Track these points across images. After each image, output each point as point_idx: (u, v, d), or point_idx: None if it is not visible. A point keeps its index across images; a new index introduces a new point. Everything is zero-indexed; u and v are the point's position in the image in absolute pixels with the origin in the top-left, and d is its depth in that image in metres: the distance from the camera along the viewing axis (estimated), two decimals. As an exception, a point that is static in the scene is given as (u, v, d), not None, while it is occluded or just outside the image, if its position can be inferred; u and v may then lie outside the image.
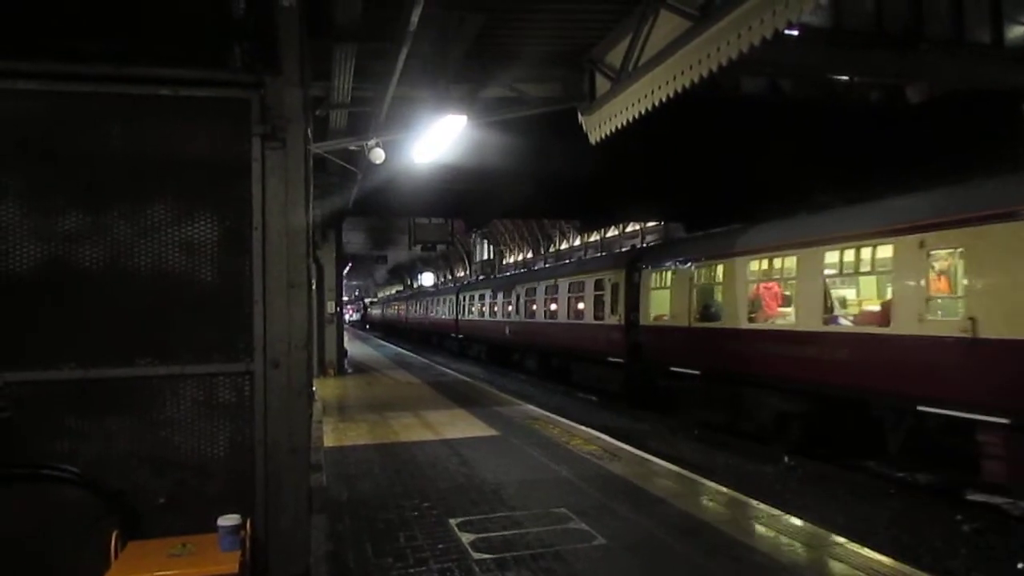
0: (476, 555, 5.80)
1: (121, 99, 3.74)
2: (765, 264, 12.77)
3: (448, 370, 24.76)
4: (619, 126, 9.61)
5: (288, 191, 3.88)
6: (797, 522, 6.77)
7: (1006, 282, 8.24)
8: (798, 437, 11.93)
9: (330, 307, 21.07)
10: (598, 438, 11.02)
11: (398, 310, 61.72)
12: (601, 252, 39.32)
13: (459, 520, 6.72)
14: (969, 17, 10.12)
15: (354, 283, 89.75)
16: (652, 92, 8.58)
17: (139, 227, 3.73)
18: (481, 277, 51.08)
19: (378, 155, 11.97)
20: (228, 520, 3.54)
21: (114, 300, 3.71)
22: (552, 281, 23.38)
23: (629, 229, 40.54)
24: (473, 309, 33.41)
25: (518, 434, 11.25)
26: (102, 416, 3.67)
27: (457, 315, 36.27)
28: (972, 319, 8.42)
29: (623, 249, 26.19)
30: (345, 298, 46.52)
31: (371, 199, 19.11)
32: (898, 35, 9.82)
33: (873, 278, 11.24)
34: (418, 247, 30.96)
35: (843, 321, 11.08)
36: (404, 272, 77.40)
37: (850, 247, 10.58)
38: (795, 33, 8.90)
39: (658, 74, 8.40)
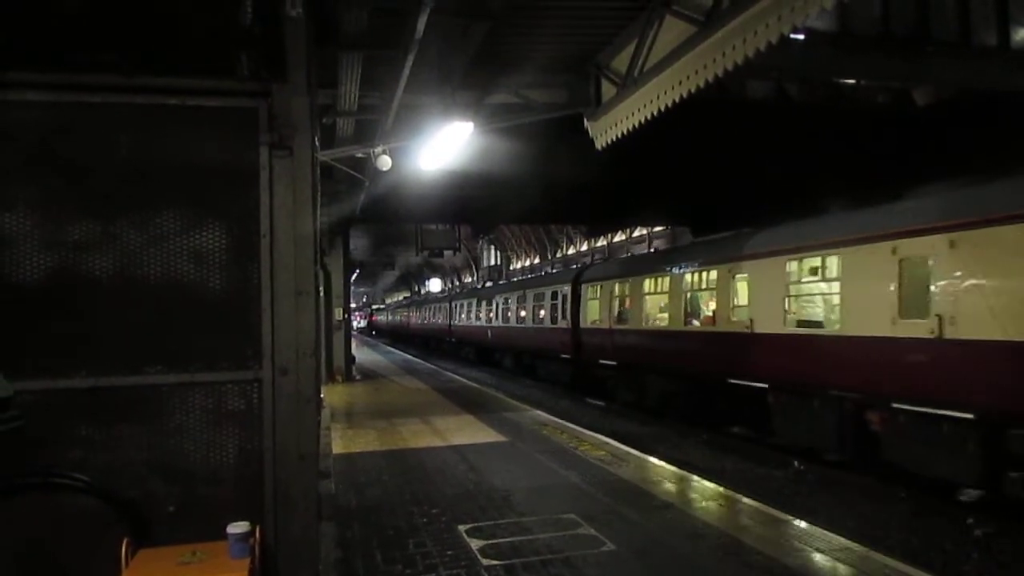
0: (485, 561, 5.80)
1: (130, 109, 3.76)
2: (654, 282, 17.32)
3: (456, 376, 24.77)
4: (625, 131, 9.62)
5: (295, 199, 3.90)
6: (807, 526, 6.74)
7: (776, 296, 12.37)
8: (680, 409, 15.93)
9: (338, 314, 21.10)
10: (606, 443, 11.00)
11: (401, 317, 66.87)
12: (607, 257, 40.16)
13: (468, 526, 6.72)
14: (975, 19, 10.09)
15: (361, 290, 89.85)
16: (658, 97, 8.59)
17: (148, 236, 3.75)
18: (486, 285, 52.88)
19: (385, 162, 12.00)
20: (238, 527, 3.54)
21: (124, 308, 3.73)
22: (522, 292, 27.92)
23: (636, 234, 40.52)
24: (463, 316, 37.79)
25: (526, 440, 11.24)
26: (112, 424, 3.69)
27: (450, 321, 40.91)
28: (752, 320, 12.93)
29: (575, 266, 30.79)
30: (353, 305, 46.85)
31: (378, 206, 19.17)
32: (904, 38, 9.81)
33: (709, 293, 15.14)
34: (425, 253, 31.05)
35: (694, 322, 15.43)
36: (412, 278, 77.54)
37: (699, 272, 15.22)
38: (801, 37, 8.89)
39: (664, 79, 8.41)
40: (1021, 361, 7.93)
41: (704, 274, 14.96)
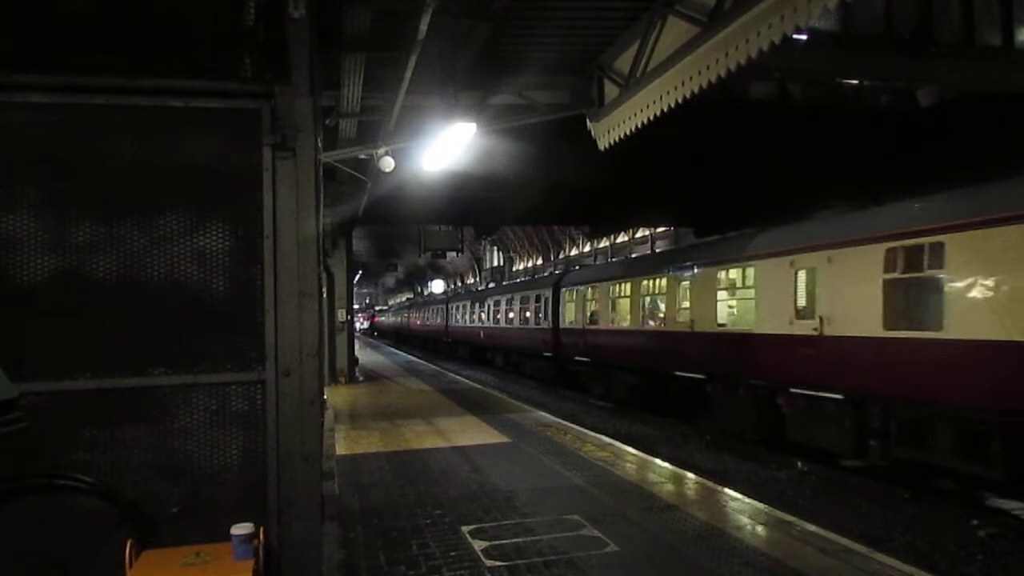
0: (488, 562, 5.80)
1: (133, 111, 3.76)
2: (619, 288, 19.53)
3: (459, 377, 24.78)
4: (628, 132, 9.61)
5: (298, 200, 3.89)
6: (811, 528, 6.73)
7: (710, 301, 14.66)
8: (640, 399, 17.95)
9: (341, 315, 21.11)
10: (610, 444, 11.00)
11: (402, 318, 69.23)
12: (611, 258, 40.38)
13: (471, 528, 6.72)
14: (979, 20, 10.06)
15: (364, 291, 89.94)
16: (661, 98, 8.58)
17: (151, 237, 3.75)
18: (479, 288, 55.12)
19: (387, 163, 12.01)
20: (241, 529, 3.55)
21: (127, 310, 3.73)
22: (510, 295, 30.20)
23: (639, 235, 40.50)
24: (458, 317, 40.09)
25: (530, 441, 11.24)
26: (116, 426, 3.69)
27: (447, 322, 43.11)
28: (692, 320, 15.10)
29: (556, 271, 34.07)
30: (356, 306, 47.05)
31: (381, 207, 19.17)
32: (907, 39, 9.78)
33: (660, 297, 17.35)
34: (428, 254, 31.10)
35: (650, 323, 17.71)
36: (415, 280, 77.57)
37: (653, 279, 17.64)
38: (804, 38, 8.88)
39: (666, 80, 8.40)
40: (872, 351, 10.12)
41: (657, 281, 17.40)
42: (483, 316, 34.05)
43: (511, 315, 29.34)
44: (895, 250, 9.79)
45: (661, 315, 17.18)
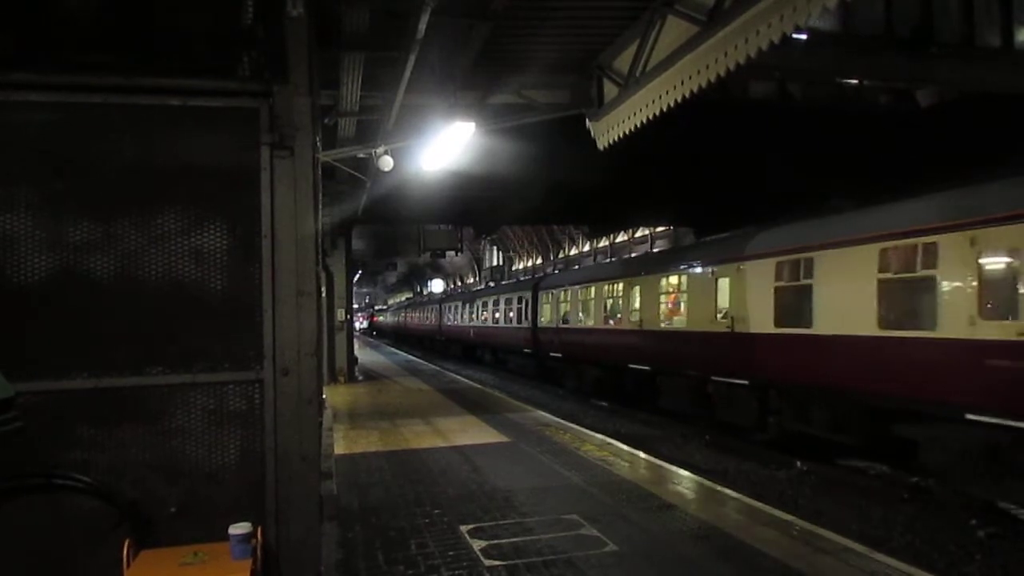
0: (487, 562, 5.79)
1: (131, 110, 3.75)
2: (584, 292, 21.92)
3: (458, 376, 24.79)
4: (627, 132, 9.60)
5: (297, 199, 3.89)
6: (811, 527, 6.73)
7: (655, 303, 17.32)
8: (604, 389, 20.21)
9: (340, 314, 21.10)
10: (609, 444, 11.00)
11: (400, 318, 71.36)
12: (610, 257, 40.50)
13: (470, 527, 6.71)
14: (979, 20, 10.06)
15: (363, 290, 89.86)
16: (660, 97, 8.58)
17: (149, 236, 3.75)
18: (468, 289, 56.48)
19: (387, 163, 12.00)
20: (239, 528, 3.54)
21: (125, 309, 3.72)
22: (496, 297, 32.35)
23: (638, 234, 40.50)
24: (450, 317, 42.08)
25: (529, 440, 11.24)
26: (114, 425, 3.68)
27: (440, 322, 45.23)
28: (641, 320, 17.68)
29: (536, 275, 36.81)
30: (355, 305, 47.18)
31: (380, 206, 19.17)
32: (907, 39, 9.78)
33: (617, 300, 19.73)
34: (427, 254, 31.11)
35: (610, 323, 19.92)
36: (414, 279, 77.53)
37: (612, 283, 20.09)
38: (803, 37, 8.87)
39: (666, 79, 8.40)
40: (767, 345, 12.50)
41: (615, 286, 19.89)
42: (472, 316, 36.08)
43: (497, 315, 31.47)
44: (783, 263, 12.26)
45: (619, 316, 19.44)
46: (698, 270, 15.07)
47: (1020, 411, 8.17)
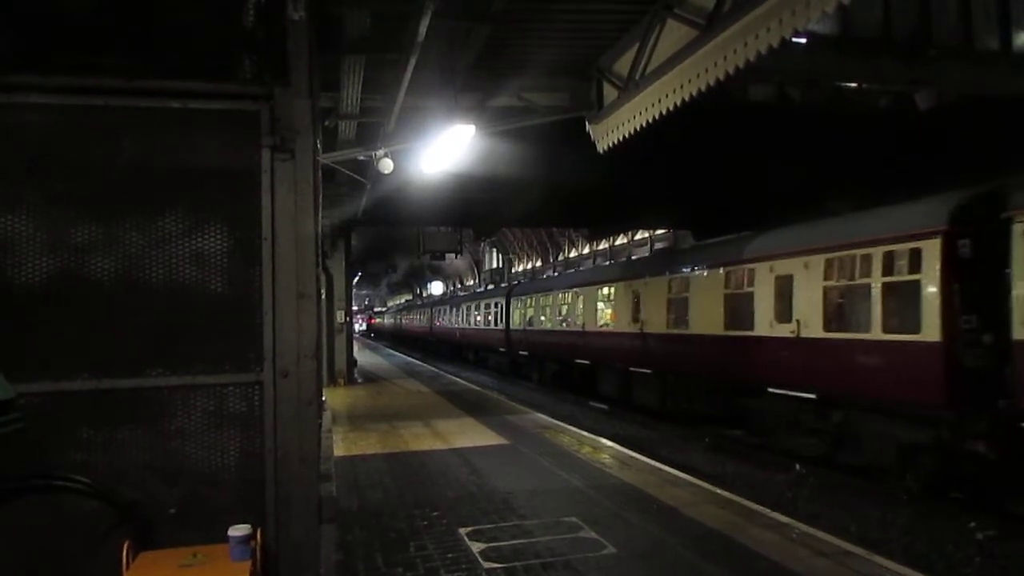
0: (486, 564, 5.80)
1: (132, 112, 3.75)
2: (543, 299, 26.38)
3: (457, 379, 24.80)
4: (627, 135, 9.61)
5: (297, 201, 3.89)
6: (809, 530, 6.74)
7: (594, 309, 21.70)
8: (559, 381, 24.42)
9: (340, 316, 21.10)
10: (608, 447, 11.01)
11: (396, 320, 76.02)
12: (610, 260, 40.71)
13: (469, 529, 6.72)
14: (977, 23, 10.08)
15: (363, 292, 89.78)
16: (660, 100, 8.58)
17: (150, 238, 3.75)
18: (456, 293, 59.03)
19: (387, 165, 12.01)
20: (239, 530, 3.54)
21: (126, 311, 3.72)
22: (476, 302, 37.08)
23: (638, 237, 40.48)
24: (440, 320, 46.27)
25: (528, 443, 11.25)
26: (114, 427, 3.68)
27: (431, 324, 49.58)
28: (583, 323, 21.89)
29: (514, 282, 39.90)
30: (355, 308, 47.42)
31: (380, 208, 19.19)
32: (906, 42, 9.80)
33: (567, 306, 23.75)
34: (427, 256, 31.12)
35: (563, 325, 23.71)
36: (414, 281, 77.50)
37: (564, 292, 24.22)
38: (803, 41, 8.89)
39: (665, 82, 8.40)
40: (665, 341, 16.60)
41: (566, 294, 24.12)
42: (459, 319, 40.27)
43: (478, 318, 35.87)
44: (673, 280, 16.50)
45: (569, 320, 23.47)
46: (619, 283, 19.78)
47: (795, 385, 11.94)
